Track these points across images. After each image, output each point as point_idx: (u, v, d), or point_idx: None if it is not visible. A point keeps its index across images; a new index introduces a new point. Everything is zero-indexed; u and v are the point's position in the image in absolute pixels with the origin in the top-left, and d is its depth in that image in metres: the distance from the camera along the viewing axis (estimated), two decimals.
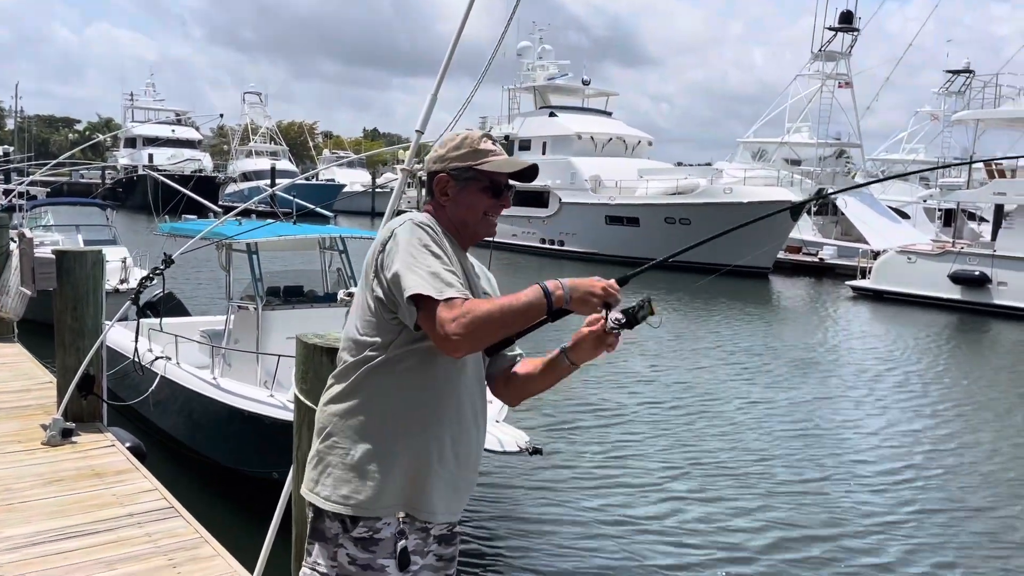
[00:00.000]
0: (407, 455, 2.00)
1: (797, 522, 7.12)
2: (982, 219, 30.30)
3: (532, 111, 41.79)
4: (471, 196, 2.10)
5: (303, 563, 2.09)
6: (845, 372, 14.33)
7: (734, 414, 10.87)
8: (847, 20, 35.81)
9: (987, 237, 25.47)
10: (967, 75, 43.36)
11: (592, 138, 38.43)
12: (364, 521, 1.99)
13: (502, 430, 5.76)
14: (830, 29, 35.98)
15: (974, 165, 26.56)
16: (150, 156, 58.15)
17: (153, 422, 8.27)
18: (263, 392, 6.82)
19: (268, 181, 46.21)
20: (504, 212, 2.21)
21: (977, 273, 22.69)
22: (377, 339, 1.99)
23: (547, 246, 36.56)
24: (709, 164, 40.01)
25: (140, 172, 52.55)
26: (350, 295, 6.78)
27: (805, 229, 33.49)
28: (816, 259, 33.22)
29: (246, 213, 9.04)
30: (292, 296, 8.47)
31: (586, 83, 42.19)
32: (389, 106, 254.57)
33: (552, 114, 39.81)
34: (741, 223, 2.63)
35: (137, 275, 13.10)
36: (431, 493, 2.03)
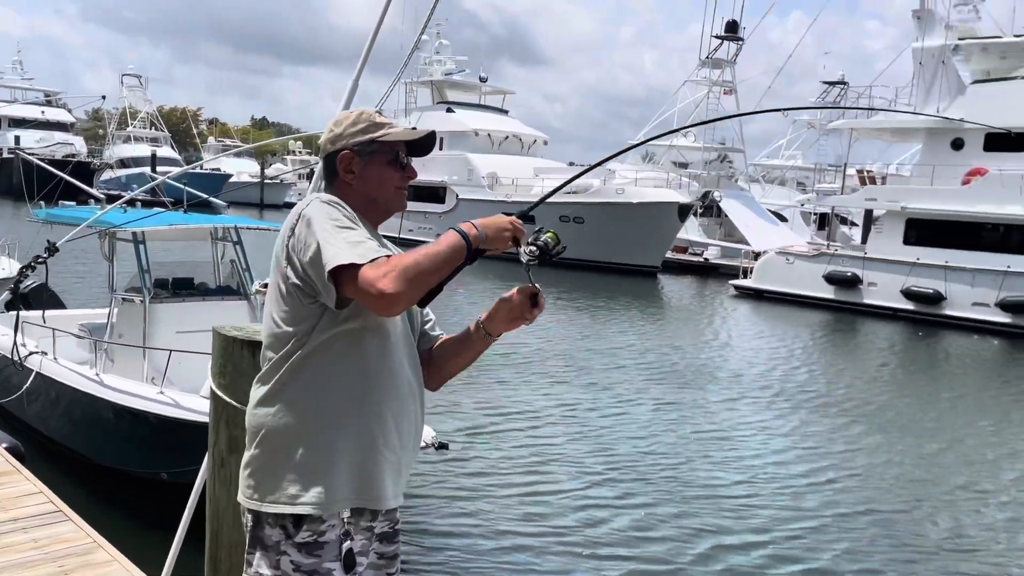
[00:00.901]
0: (352, 443, 1.93)
1: (708, 525, 7.29)
2: (853, 223, 32.26)
3: (429, 106, 41.56)
4: (378, 170, 2.05)
5: (243, 574, 1.98)
6: (740, 372, 14.89)
7: (643, 416, 11.10)
8: (732, 29, 37.39)
9: (858, 240, 27.14)
10: (842, 86, 46.06)
11: (489, 135, 38.60)
12: (308, 524, 1.90)
13: None
14: (717, 37, 37.51)
15: (847, 171, 28.26)
16: (16, 138, 54.24)
17: (28, 422, 7.74)
18: (151, 389, 6.51)
19: (148, 168, 44.00)
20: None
21: (849, 274, 24.16)
22: (299, 327, 1.91)
23: None
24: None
25: (5, 155, 49.00)
26: (265, 286, 6.55)
27: (691, 230, 34.78)
28: (701, 259, 34.55)
29: (131, 201, 8.59)
30: (182, 289, 8.10)
31: (483, 80, 42.34)
32: (279, 95, 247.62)
33: (449, 110, 39.72)
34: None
35: (4, 265, 12.20)
36: (382, 479, 1.97)
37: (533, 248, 1.98)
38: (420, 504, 7.24)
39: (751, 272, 27.41)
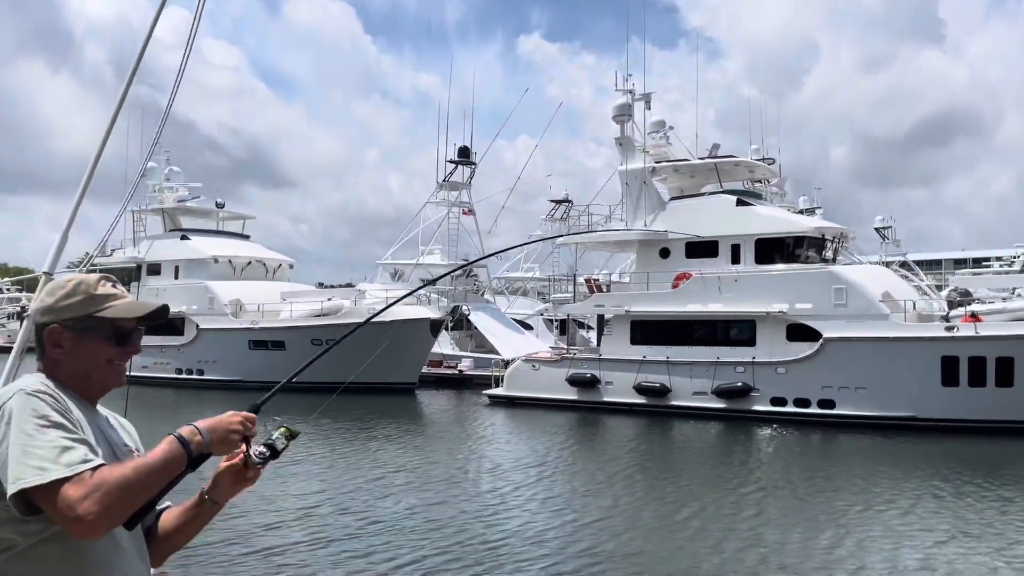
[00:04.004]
0: None
1: None
2: (590, 327, 34.93)
3: (161, 234, 39.50)
4: (92, 345, 1.93)
5: None
6: (491, 476, 15.28)
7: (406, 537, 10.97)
8: (464, 154, 39.94)
9: (594, 343, 29.36)
10: (567, 204, 50.46)
11: (230, 261, 37.35)
12: None
13: None
14: (451, 162, 39.78)
15: (578, 280, 30.80)
16: None
17: None
18: None
19: None
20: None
21: (589, 376, 25.97)
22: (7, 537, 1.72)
23: (185, 376, 34.10)
24: (351, 285, 40.91)
25: None
26: None
27: (444, 344, 35.63)
28: (456, 371, 35.38)
29: None
30: None
31: (220, 206, 41.14)
32: None
33: (184, 237, 38.04)
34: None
35: None
36: None
37: (263, 450, 1.90)
38: None
39: (502, 380, 28.49)
